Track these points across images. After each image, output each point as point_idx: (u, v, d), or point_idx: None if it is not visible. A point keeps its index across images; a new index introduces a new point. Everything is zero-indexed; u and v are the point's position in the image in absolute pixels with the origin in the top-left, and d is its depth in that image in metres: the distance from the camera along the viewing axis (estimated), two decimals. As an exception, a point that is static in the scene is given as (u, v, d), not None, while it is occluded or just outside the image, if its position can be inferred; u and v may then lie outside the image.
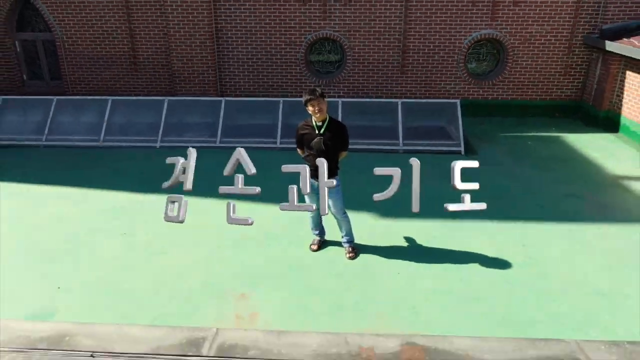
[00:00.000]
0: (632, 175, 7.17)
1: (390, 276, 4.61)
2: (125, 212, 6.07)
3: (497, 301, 4.14)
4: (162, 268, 4.76)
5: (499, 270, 4.73)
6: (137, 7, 9.75)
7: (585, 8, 9.28)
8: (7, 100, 8.94)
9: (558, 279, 4.54)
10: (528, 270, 4.69)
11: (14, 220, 5.82)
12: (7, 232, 5.51)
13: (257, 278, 4.59)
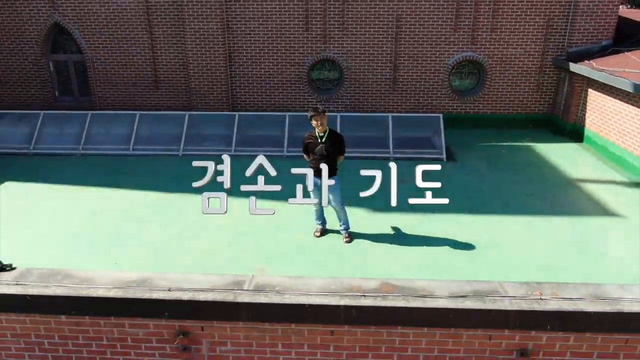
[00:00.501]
0: (587, 178, 8.45)
1: (378, 255, 5.86)
2: (159, 207, 7.32)
3: (462, 273, 5.36)
4: (195, 249, 6.00)
5: (466, 251, 5.98)
6: (160, 33, 11.10)
7: (554, 33, 10.64)
8: (47, 115, 10.24)
9: (513, 257, 5.79)
10: (490, 251, 5.93)
11: (67, 215, 7.06)
12: (62, 224, 6.75)
13: (272, 256, 5.83)
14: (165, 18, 11.00)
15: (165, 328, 3.88)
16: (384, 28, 10.79)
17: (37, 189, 8.19)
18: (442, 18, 10.67)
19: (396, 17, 10.70)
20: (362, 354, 3.85)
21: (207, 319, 3.82)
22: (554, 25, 10.58)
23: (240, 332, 3.85)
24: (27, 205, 7.50)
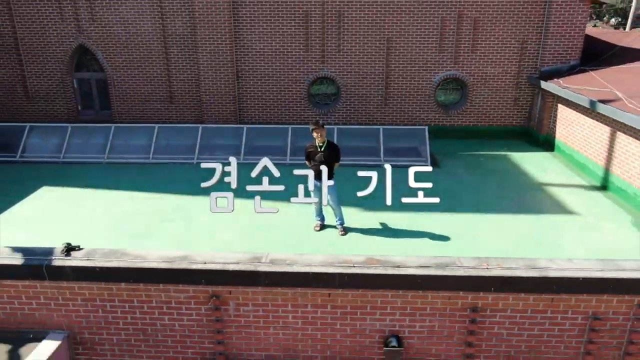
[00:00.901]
0: (553, 183, 9.69)
1: (368, 244, 7.07)
2: (179, 208, 8.52)
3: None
4: (215, 241, 7.19)
5: (441, 241, 7.18)
6: (174, 53, 12.38)
7: (527, 54, 11.95)
8: (74, 127, 11.49)
9: (481, 244, 6.99)
10: (460, 241, 7.13)
11: (102, 214, 8.25)
12: (100, 222, 7.95)
13: (280, 246, 7.02)
14: (179, 40, 12.29)
15: (201, 292, 5.07)
16: (376, 49, 12.09)
17: (71, 192, 9.39)
18: (428, 40, 11.98)
19: (387, 40, 12.00)
20: (352, 312, 5.04)
21: (234, 284, 5.01)
22: (528, 47, 11.89)
23: (259, 295, 5.04)
24: (65, 205, 8.71)
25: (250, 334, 5.20)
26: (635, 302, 4.85)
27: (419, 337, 5.08)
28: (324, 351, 5.21)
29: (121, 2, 12.03)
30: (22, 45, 12.58)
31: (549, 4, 11.40)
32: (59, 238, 5.74)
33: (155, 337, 5.29)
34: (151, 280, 5.05)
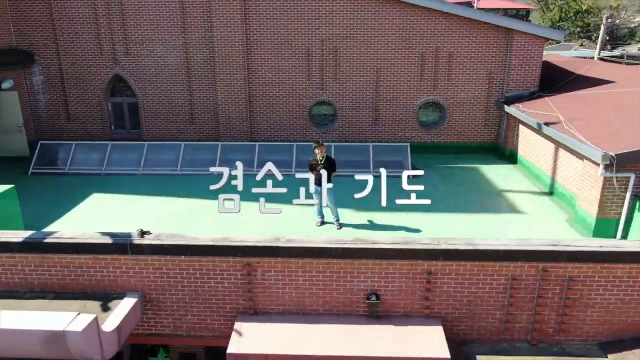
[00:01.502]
0: (511, 189, 11.92)
1: (358, 234, 9.23)
2: (206, 208, 10.67)
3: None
4: (241, 231, 9.36)
5: (415, 233, 9.37)
6: (196, 81, 14.66)
7: (495, 82, 14.26)
8: (113, 145, 13.72)
9: (447, 234, 9.17)
10: (430, 232, 9.32)
11: (144, 215, 10.42)
12: (145, 221, 10.11)
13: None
14: (200, 70, 14.58)
15: (238, 262, 7.23)
16: (367, 78, 14.40)
17: (116, 198, 11.59)
18: (411, 71, 14.30)
19: (376, 70, 14.32)
20: (344, 276, 7.20)
21: (261, 256, 7.18)
22: (494, 77, 14.21)
23: (278, 264, 7.20)
24: (114, 208, 10.90)
25: (272, 293, 7.36)
26: (540, 268, 7.02)
27: (391, 294, 7.24)
28: (324, 305, 7.36)
29: (151, 39, 14.35)
30: (66, 74, 14.86)
31: (511, 41, 13.75)
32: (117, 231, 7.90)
33: (203, 296, 7.43)
34: (202, 253, 7.21)
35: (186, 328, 7.68)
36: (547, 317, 7.26)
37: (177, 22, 14.19)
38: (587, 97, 12.61)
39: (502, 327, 7.38)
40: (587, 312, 7.22)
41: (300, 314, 7.40)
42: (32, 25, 14.47)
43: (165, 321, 7.64)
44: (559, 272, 7.04)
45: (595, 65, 16.58)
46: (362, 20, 13.95)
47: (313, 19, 13.97)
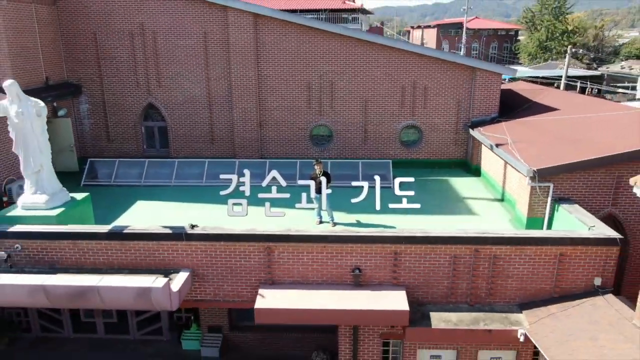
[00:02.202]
0: (473, 197, 15.00)
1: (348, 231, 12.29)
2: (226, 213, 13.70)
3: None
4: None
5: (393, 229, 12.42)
6: (216, 108, 17.81)
7: (462, 109, 17.42)
8: (150, 162, 16.81)
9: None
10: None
11: (181, 217, 13.44)
12: (183, 221, 13.13)
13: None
14: (220, 100, 17.74)
15: (261, 246, 10.28)
16: (357, 106, 17.56)
17: (157, 204, 14.63)
18: (393, 100, 17.47)
19: (365, 100, 17.50)
20: (336, 255, 10.24)
21: (277, 242, 10.23)
22: (462, 105, 17.39)
23: (290, 247, 10.25)
24: (156, 211, 13.94)
25: (285, 269, 10.38)
26: (474, 249, 10.07)
27: (369, 268, 10.27)
28: (322, 277, 10.39)
29: (180, 74, 17.55)
30: (107, 103, 18.01)
31: (475, 77, 16.95)
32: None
33: (236, 271, 10.46)
34: (235, 240, 10.25)
35: (222, 295, 10.71)
36: (480, 285, 10.31)
37: (201, 60, 17.39)
38: (532, 123, 15.78)
39: (448, 293, 10.42)
40: (507, 281, 10.28)
41: (305, 283, 10.44)
42: (81, 63, 17.66)
43: (207, 290, 10.66)
44: (486, 252, 10.11)
45: (550, 94, 19.78)
46: (353, 59, 17.17)
47: (313, 58, 17.18)
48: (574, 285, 10.23)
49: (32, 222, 10.81)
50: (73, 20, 17.28)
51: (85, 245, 10.47)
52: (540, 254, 10.10)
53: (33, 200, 11.07)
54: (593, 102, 18.87)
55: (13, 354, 13.79)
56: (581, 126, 14.33)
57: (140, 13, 17.12)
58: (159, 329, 14.40)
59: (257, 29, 16.92)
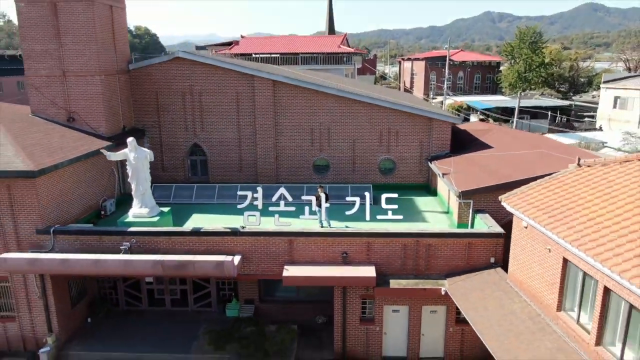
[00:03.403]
0: (429, 210, 21.61)
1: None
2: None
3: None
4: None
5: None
6: (245, 146, 24.50)
7: (424, 147, 24.15)
8: (198, 186, 23.41)
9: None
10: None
11: (223, 223, 19.98)
12: (224, 225, 19.74)
13: (306, 232, 18.84)
14: (247, 140, 24.43)
15: (285, 239, 16.83)
16: (348, 144, 24.30)
17: (205, 216, 21.14)
18: (374, 140, 24.21)
19: (353, 140, 24.24)
20: (333, 245, 16.77)
21: (295, 237, 16.78)
22: (423, 144, 24.13)
23: (304, 240, 16.80)
24: (207, 221, 20.45)
25: (300, 253, 16.91)
26: (416, 240, 16.63)
27: (352, 253, 16.81)
28: (323, 258, 16.90)
29: (217, 121, 24.29)
30: (163, 142, 24.69)
31: (431, 123, 23.71)
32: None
33: (269, 255, 16.98)
34: (269, 235, 16.82)
35: (261, 270, 17.22)
36: (420, 262, 16.86)
37: (234, 112, 24.16)
38: (471, 157, 22.50)
39: (401, 267, 16.96)
40: (437, 260, 16.84)
41: (312, 262, 16.96)
42: (145, 114, 24.41)
43: (251, 267, 17.17)
44: (424, 242, 16.70)
45: (493, 134, 26.55)
46: (344, 111, 23.97)
47: (314, 110, 23.98)
48: (477, 262, 16.80)
49: (140, 226, 17.40)
50: (141, 84, 24.08)
51: (176, 239, 17.02)
52: (457, 243, 16.70)
53: (140, 212, 17.70)
54: (523, 138, 25.60)
55: (109, 321, 20.15)
56: (499, 160, 21.05)
57: (189, 79, 23.95)
58: (209, 303, 20.84)
59: (275, 90, 23.76)
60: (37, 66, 21.13)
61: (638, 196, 12.31)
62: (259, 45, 53.95)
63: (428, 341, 17.92)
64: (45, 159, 17.41)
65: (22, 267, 16.30)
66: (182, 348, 18.18)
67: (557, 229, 12.56)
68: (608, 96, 52.73)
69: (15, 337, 18.48)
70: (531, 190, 15.00)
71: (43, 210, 17.16)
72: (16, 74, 59.61)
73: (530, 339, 12.81)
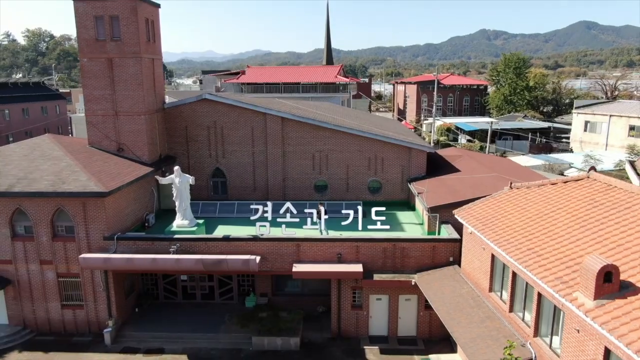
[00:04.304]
0: (409, 222, 27.13)
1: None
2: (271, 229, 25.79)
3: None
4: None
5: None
6: (258, 171, 30.06)
7: (404, 170, 29.76)
8: (221, 203, 28.93)
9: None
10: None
11: (241, 232, 25.46)
12: (245, 233, 25.23)
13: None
14: (260, 164, 30.01)
15: (294, 243, 22.29)
16: (342, 168, 29.92)
17: (227, 227, 26.60)
18: (363, 165, 29.83)
19: (347, 164, 29.88)
20: (330, 247, 22.22)
21: (302, 241, 22.25)
22: (404, 168, 29.75)
23: (308, 244, 22.27)
24: (229, 231, 25.93)
25: (306, 254, 22.33)
26: (393, 244, 22.10)
27: (344, 253, 22.25)
28: (323, 257, 22.32)
29: (236, 150, 29.92)
30: (190, 167, 30.26)
31: (410, 151, 29.35)
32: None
33: (282, 256, 22.41)
34: (280, 240, 22.29)
35: (276, 268, 22.65)
36: (396, 261, 22.31)
37: (249, 142, 29.80)
38: (442, 179, 28.07)
39: (382, 265, 22.40)
40: (409, 260, 22.33)
41: (315, 261, 22.39)
42: (176, 143, 30.02)
43: (268, 265, 22.60)
44: (399, 245, 22.25)
45: (463, 159, 32.16)
46: (339, 142, 29.62)
47: (315, 141, 29.63)
48: (440, 260, 22.27)
49: (182, 234, 22.88)
50: (173, 119, 29.74)
51: (210, 243, 22.48)
52: (424, 246, 22.18)
53: (182, 223, 23.22)
54: (487, 163, 31.18)
55: (152, 311, 25.48)
56: (463, 182, 26.64)
57: (213, 116, 29.64)
58: (231, 297, 26.22)
59: (283, 124, 29.43)
60: (95, 107, 26.77)
61: (542, 209, 17.86)
62: (264, 75, 59.86)
63: (404, 323, 23.30)
64: (110, 182, 22.93)
65: (98, 264, 21.75)
66: (212, 330, 23.53)
67: (487, 233, 18.08)
68: (579, 121, 58.56)
69: (83, 322, 23.83)
70: (474, 206, 20.56)
71: (108, 222, 22.64)
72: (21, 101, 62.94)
73: (469, 312, 18.24)
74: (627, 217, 15.32)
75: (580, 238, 15.26)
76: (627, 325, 11.35)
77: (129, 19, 25.64)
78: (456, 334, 17.27)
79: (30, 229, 22.99)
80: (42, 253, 23.06)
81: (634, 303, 11.82)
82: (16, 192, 22.03)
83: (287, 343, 22.33)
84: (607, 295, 12.19)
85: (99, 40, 25.95)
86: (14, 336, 23.44)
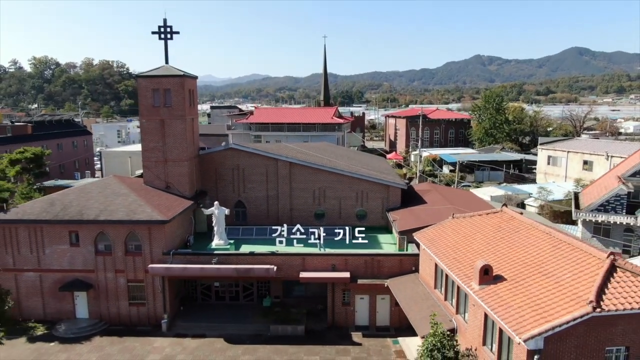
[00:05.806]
0: (385, 243, 36.15)
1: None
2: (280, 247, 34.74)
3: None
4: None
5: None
6: (270, 200, 39.17)
7: (384, 202, 38.90)
8: (243, 228, 37.96)
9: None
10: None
11: (263, 250, 34.44)
12: (264, 251, 34.24)
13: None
14: (272, 197, 39.12)
15: (300, 257, 31.26)
16: (336, 200, 39.11)
17: (250, 246, 35.54)
18: (352, 198, 39.02)
19: (340, 198, 39.08)
20: (327, 260, 31.18)
21: (306, 255, 31.21)
22: (384, 200, 38.91)
23: (310, 258, 31.22)
24: (253, 249, 34.91)
25: (309, 264, 31.25)
26: (371, 258, 31.08)
27: (337, 264, 31.17)
28: (322, 267, 31.27)
29: (254, 186, 39.10)
30: (219, 199, 39.29)
31: (388, 188, 38.56)
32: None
33: (291, 266, 31.33)
34: (291, 255, 31.25)
35: (287, 275, 31.56)
36: (374, 269, 31.25)
37: (264, 180, 39.02)
38: (412, 209, 37.18)
39: (364, 272, 31.32)
40: (383, 269, 31.30)
41: (315, 270, 31.32)
42: (207, 181, 39.20)
43: (282, 273, 31.51)
44: (377, 259, 31.26)
45: (431, 193, 41.30)
46: (334, 180, 38.85)
47: (316, 180, 38.86)
48: (406, 269, 31.26)
49: (220, 250, 31.93)
50: (206, 163, 38.97)
51: (241, 257, 31.45)
52: (394, 259, 31.22)
53: (219, 243, 32.35)
54: (451, 196, 40.26)
55: (193, 310, 34.27)
56: (427, 212, 35.74)
57: (237, 160, 38.91)
58: (252, 299, 35.08)
59: (291, 167, 38.70)
60: (150, 155, 35.97)
61: (468, 233, 26.95)
62: (270, 116, 69.51)
63: (380, 316, 32.11)
64: (167, 212, 31.97)
65: (161, 272, 30.67)
66: (240, 321, 32.33)
67: (432, 249, 27.12)
68: (543, 155, 68.11)
69: (144, 316, 32.59)
70: (427, 230, 29.66)
71: (166, 241, 31.61)
72: (55, 137, 73.03)
73: (421, 303, 27.16)
74: (513, 237, 24.45)
75: (484, 251, 24.36)
76: (494, 300, 20.36)
77: (177, 91, 35.09)
78: (410, 316, 26.18)
79: (109, 246, 31.95)
80: (117, 264, 31.97)
81: (500, 287, 20.83)
82: (102, 220, 31.07)
83: (295, 330, 31.06)
84: (485, 282, 21.22)
85: (155, 106, 35.32)
86: (94, 327, 32.16)
